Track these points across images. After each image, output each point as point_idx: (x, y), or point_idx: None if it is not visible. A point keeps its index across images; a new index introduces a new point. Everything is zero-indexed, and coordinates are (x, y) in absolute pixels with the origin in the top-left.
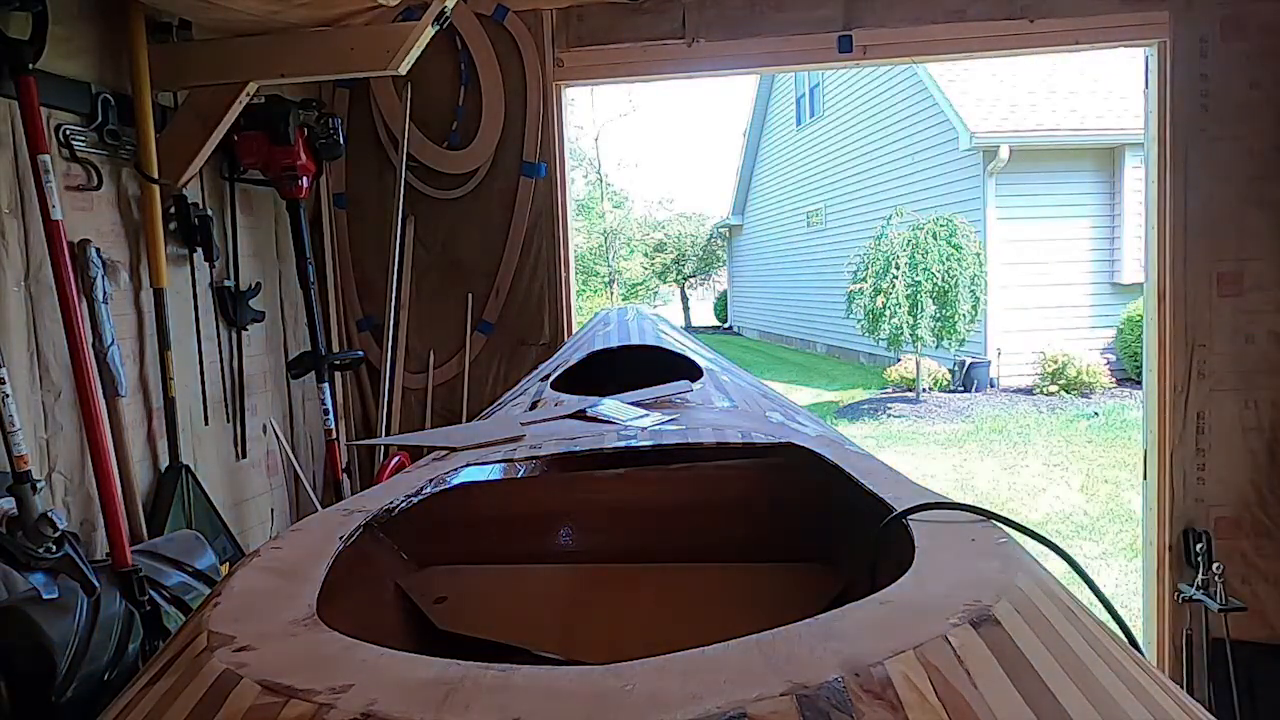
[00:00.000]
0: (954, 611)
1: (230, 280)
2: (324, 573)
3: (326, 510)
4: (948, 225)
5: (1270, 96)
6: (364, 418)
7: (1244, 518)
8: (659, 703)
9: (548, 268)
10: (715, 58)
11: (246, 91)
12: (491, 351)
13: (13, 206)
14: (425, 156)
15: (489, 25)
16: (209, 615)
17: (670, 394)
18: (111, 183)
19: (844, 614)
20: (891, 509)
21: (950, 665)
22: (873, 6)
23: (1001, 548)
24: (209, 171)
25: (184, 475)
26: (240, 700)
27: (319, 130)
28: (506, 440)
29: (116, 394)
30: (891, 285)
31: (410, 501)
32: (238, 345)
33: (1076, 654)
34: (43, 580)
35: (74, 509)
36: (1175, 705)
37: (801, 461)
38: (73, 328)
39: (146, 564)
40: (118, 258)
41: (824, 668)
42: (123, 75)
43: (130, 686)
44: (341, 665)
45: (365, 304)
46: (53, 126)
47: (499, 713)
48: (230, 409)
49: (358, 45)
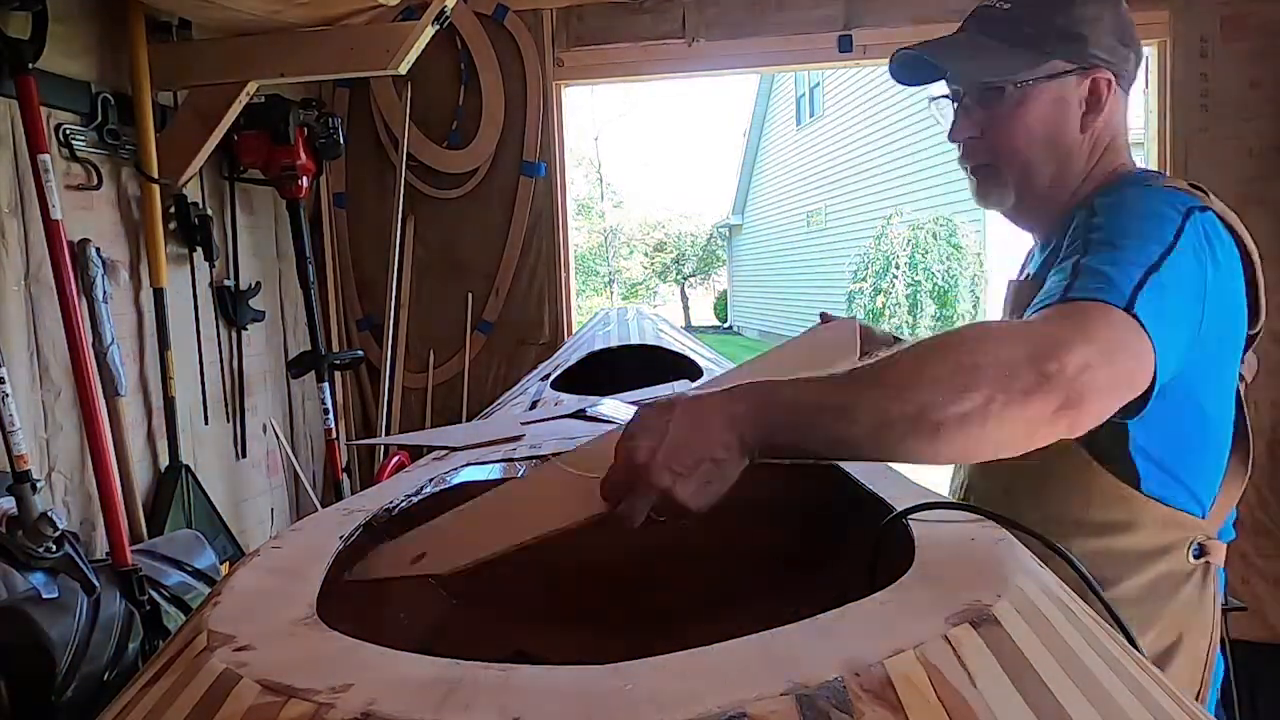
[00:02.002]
0: (954, 611)
1: (230, 280)
2: (324, 573)
3: (326, 510)
4: (948, 225)
5: (1270, 96)
6: (364, 418)
7: (1244, 518)
8: (659, 702)
9: (548, 268)
10: (715, 58)
11: (246, 91)
12: (491, 351)
13: (13, 206)
14: (425, 156)
15: (489, 25)
16: (209, 615)
17: (670, 394)
18: (111, 182)
19: (844, 614)
20: (891, 509)
21: (950, 665)
22: (873, 6)
23: (1001, 547)
24: (209, 171)
25: (184, 475)
26: (240, 700)
27: (319, 130)
28: (506, 440)
29: (116, 394)
30: (891, 285)
31: (410, 501)
32: (238, 345)
33: (1076, 654)
34: (43, 580)
35: (74, 509)
36: (1175, 705)
37: None
38: (73, 327)
39: (146, 564)
40: (118, 257)
41: (824, 668)
42: (123, 75)
43: (130, 686)
44: (341, 665)
45: (365, 304)
46: (53, 126)
47: (499, 712)
48: (230, 409)
49: (358, 45)
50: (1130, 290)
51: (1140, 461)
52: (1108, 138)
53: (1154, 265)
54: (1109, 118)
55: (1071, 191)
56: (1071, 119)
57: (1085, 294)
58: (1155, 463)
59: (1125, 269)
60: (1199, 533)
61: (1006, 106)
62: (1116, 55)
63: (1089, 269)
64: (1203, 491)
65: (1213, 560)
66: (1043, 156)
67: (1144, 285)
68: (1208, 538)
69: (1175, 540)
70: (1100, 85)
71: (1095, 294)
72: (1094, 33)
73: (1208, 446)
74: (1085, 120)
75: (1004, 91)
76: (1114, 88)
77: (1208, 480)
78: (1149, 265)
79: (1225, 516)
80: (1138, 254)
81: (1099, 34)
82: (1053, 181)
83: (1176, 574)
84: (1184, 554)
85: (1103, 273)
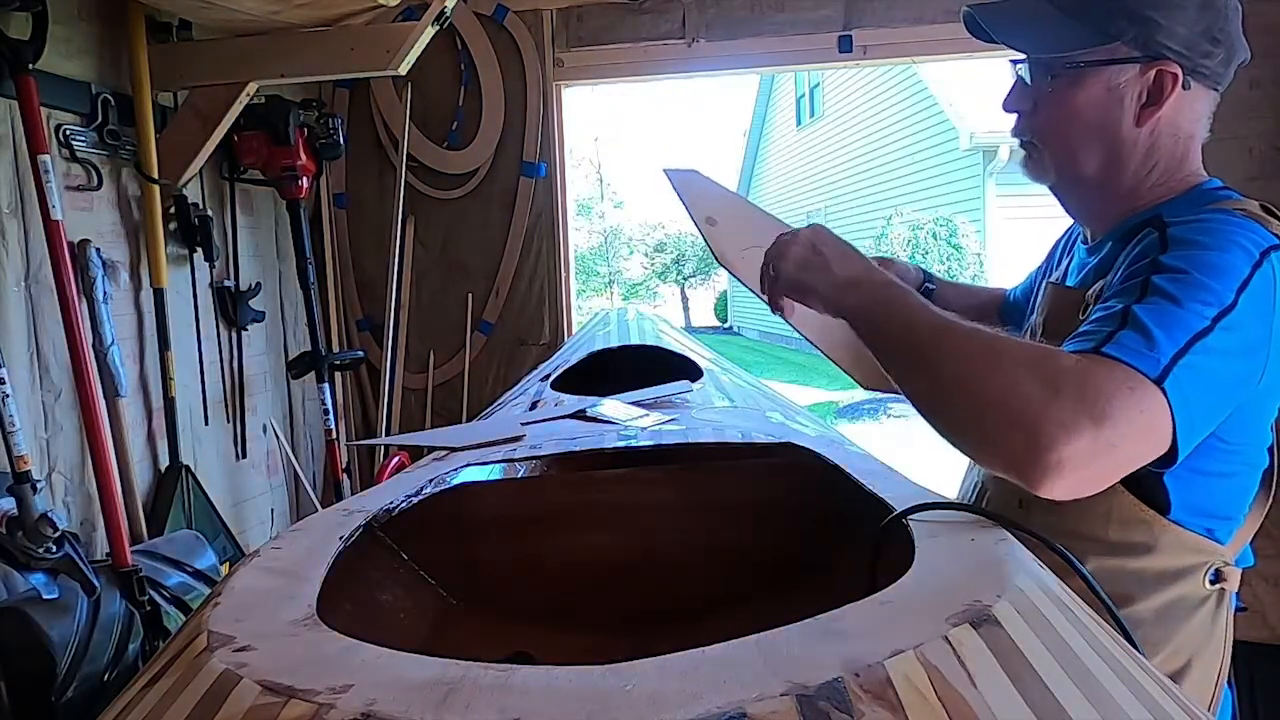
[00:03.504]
0: (954, 611)
1: (230, 280)
2: (324, 573)
3: (326, 510)
4: (948, 225)
5: (1270, 96)
6: (364, 418)
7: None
8: (659, 702)
9: (548, 268)
10: (715, 58)
11: (246, 91)
12: (491, 351)
13: (13, 206)
14: (425, 156)
15: (489, 25)
16: (209, 615)
17: (670, 394)
18: (111, 183)
19: (844, 614)
20: (891, 509)
21: (950, 665)
22: (873, 6)
23: (1001, 548)
24: (209, 171)
25: (184, 475)
26: (240, 700)
27: (319, 130)
28: (506, 440)
29: (116, 394)
30: None
31: (410, 501)
32: (238, 345)
33: (1076, 654)
34: (43, 580)
35: (74, 509)
36: (1175, 705)
37: (801, 461)
38: (73, 328)
39: (146, 564)
40: (118, 258)
41: (824, 668)
42: (123, 75)
43: (130, 686)
44: (341, 665)
45: (365, 304)
46: (53, 126)
47: (499, 713)
48: (230, 409)
49: (358, 45)
50: (1169, 359)
51: (1173, 487)
52: (1173, 139)
53: (1204, 331)
54: (1174, 117)
55: (1128, 191)
56: (1127, 110)
57: (1123, 355)
58: (1184, 491)
59: (1172, 332)
60: (1218, 558)
61: (1059, 85)
62: (1195, 50)
63: (1137, 321)
64: (1227, 520)
65: (1228, 586)
66: (1089, 145)
67: (1186, 352)
68: (1226, 563)
69: (1194, 564)
70: (1164, 79)
71: (1132, 359)
72: (1170, 20)
73: (1240, 482)
74: (1143, 115)
75: (1058, 71)
76: (1179, 83)
77: (1234, 509)
78: (1198, 331)
79: (1245, 542)
80: (1191, 314)
81: (1176, 23)
82: (1101, 175)
83: (1192, 598)
84: (1201, 579)
85: (1150, 333)
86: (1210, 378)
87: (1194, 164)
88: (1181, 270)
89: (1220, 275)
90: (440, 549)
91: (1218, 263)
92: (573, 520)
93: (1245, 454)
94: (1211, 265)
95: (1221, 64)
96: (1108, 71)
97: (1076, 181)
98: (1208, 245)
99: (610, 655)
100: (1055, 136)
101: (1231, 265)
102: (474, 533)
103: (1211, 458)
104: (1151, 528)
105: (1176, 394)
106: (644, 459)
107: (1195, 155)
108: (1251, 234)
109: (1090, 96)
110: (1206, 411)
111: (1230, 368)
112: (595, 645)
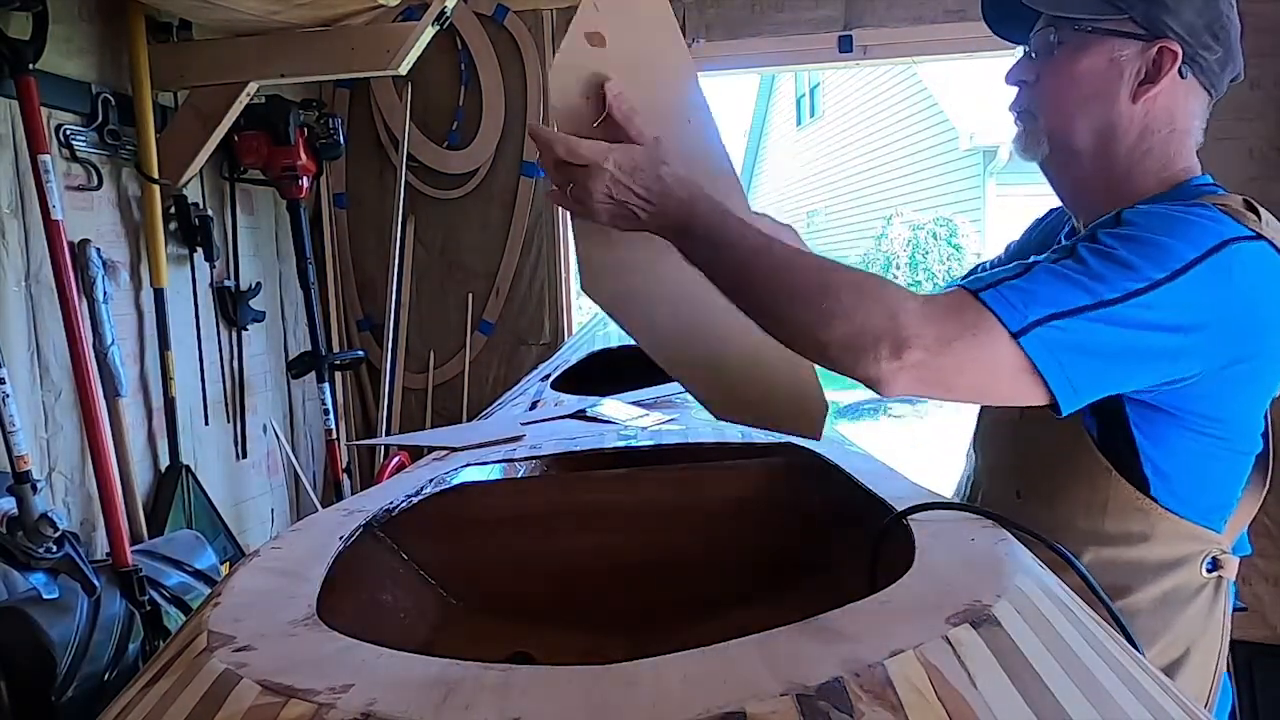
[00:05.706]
0: (954, 611)
1: (230, 280)
2: (324, 573)
3: (326, 510)
4: (948, 225)
5: (1270, 96)
6: (364, 418)
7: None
8: (659, 702)
9: (548, 268)
10: (715, 58)
11: (246, 91)
12: (491, 351)
13: (13, 206)
14: (425, 156)
15: (489, 25)
16: (209, 615)
17: (670, 394)
18: (111, 183)
19: (844, 614)
20: (892, 509)
21: (950, 665)
22: (873, 6)
23: (1001, 548)
24: (209, 171)
25: (184, 475)
26: (240, 700)
27: (319, 130)
28: (506, 440)
29: (117, 394)
30: None
31: (410, 501)
32: (238, 345)
33: (1076, 654)
34: (43, 580)
35: (74, 509)
36: (1175, 705)
37: (801, 461)
38: (73, 328)
39: (146, 564)
40: (118, 258)
41: (824, 668)
42: (123, 75)
43: (130, 686)
44: (341, 665)
45: (365, 304)
46: (53, 126)
47: (499, 713)
48: (230, 409)
49: (358, 45)
50: (1041, 317)
51: (1151, 474)
52: (1167, 128)
53: (1109, 301)
54: (1168, 103)
55: (1120, 174)
56: (1125, 84)
57: (992, 302)
58: (1165, 477)
59: (1060, 294)
60: (1215, 546)
61: (1064, 51)
62: (1196, 39)
63: (1034, 277)
64: (1221, 507)
65: (1225, 574)
66: (1085, 114)
67: (1073, 315)
68: (1222, 551)
69: (1190, 553)
70: (1164, 57)
71: (998, 307)
72: (1177, 4)
73: (1228, 466)
74: (1139, 91)
75: (1065, 36)
76: (1177, 62)
77: (1226, 496)
78: (1104, 300)
79: (1241, 530)
80: (1099, 283)
81: (1183, 7)
82: (1094, 148)
83: (1189, 587)
84: (1198, 567)
85: (1033, 291)
86: (1099, 343)
87: (1185, 162)
88: (1109, 246)
89: (1151, 256)
90: (440, 549)
91: (1153, 243)
92: (573, 520)
93: (1224, 436)
94: (1145, 244)
95: (1219, 63)
96: (1112, 42)
97: (1070, 154)
98: (1151, 228)
99: (610, 655)
100: (1053, 102)
101: (1169, 249)
102: (474, 533)
103: (1180, 433)
104: (1148, 516)
105: (1040, 350)
106: (644, 459)
107: (1188, 154)
108: (1213, 224)
109: (1092, 64)
110: (1094, 374)
111: (1139, 340)
112: (595, 645)
